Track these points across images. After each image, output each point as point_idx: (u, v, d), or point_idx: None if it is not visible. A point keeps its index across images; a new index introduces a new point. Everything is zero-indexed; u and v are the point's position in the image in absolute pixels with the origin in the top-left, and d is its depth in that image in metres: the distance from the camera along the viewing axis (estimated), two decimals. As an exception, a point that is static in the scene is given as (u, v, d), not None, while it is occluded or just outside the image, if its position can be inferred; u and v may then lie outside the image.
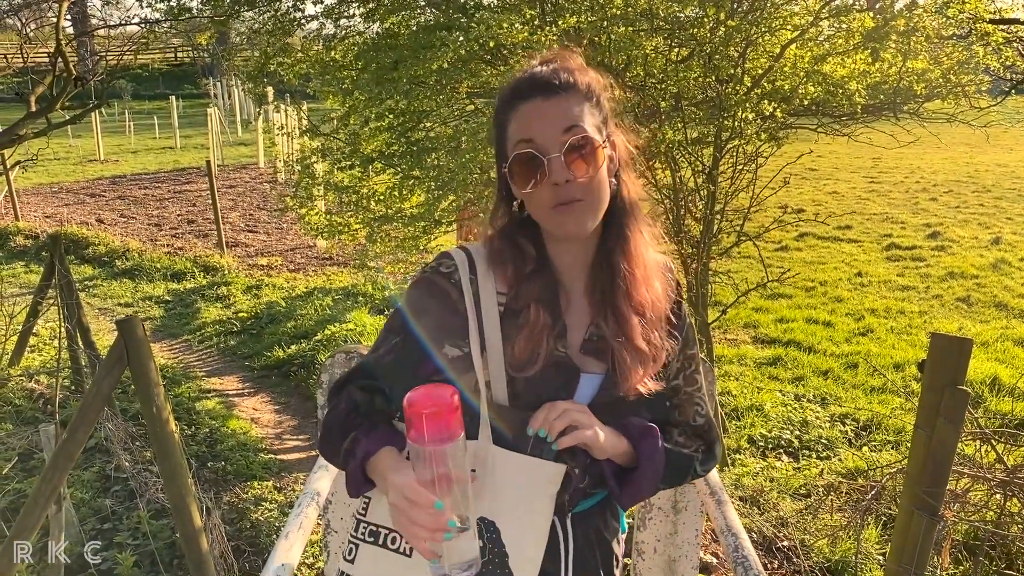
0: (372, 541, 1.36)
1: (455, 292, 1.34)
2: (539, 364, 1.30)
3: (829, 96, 4.41)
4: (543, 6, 4.23)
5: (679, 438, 1.43)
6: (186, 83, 32.73)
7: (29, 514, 2.93)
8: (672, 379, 1.43)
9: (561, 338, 1.34)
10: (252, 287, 8.59)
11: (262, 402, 5.89)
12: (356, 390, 1.35)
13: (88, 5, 20.11)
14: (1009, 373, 5.71)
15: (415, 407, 1.14)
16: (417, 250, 5.31)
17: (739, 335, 6.87)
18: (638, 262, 1.35)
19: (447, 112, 5.18)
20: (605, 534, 1.45)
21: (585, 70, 1.34)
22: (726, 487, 4.14)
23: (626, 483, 1.37)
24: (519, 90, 1.29)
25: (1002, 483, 3.02)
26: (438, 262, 1.38)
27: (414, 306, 1.36)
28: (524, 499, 1.30)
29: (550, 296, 1.34)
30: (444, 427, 1.14)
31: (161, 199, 14.01)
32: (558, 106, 1.26)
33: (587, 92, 1.30)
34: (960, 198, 12.37)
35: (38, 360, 6.44)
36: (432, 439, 1.13)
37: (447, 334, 1.33)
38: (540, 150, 1.25)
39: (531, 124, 1.26)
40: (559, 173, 1.24)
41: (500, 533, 1.30)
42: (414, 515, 1.12)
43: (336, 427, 1.32)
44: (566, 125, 1.25)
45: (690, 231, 4.42)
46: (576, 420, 1.27)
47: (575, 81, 1.29)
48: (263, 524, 4.16)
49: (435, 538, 1.12)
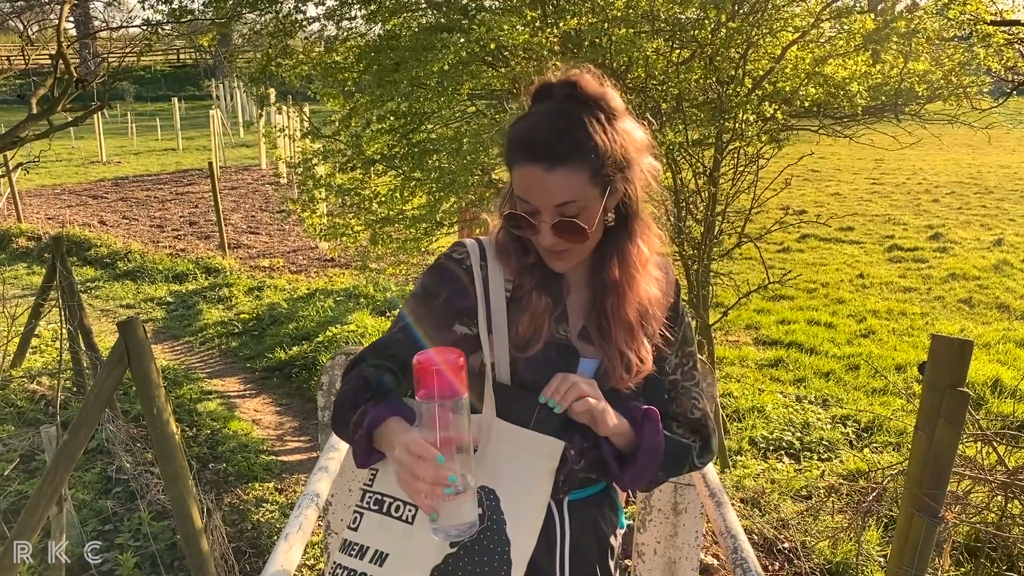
0: (376, 509, 1.40)
1: (466, 277, 1.41)
2: (540, 344, 1.37)
3: (830, 98, 4.42)
4: (544, 8, 4.23)
5: (677, 430, 1.47)
6: (188, 85, 32.80)
7: (30, 515, 2.93)
8: (670, 374, 1.48)
9: (562, 322, 1.41)
10: (254, 289, 8.60)
11: (263, 404, 5.89)
12: (368, 367, 1.39)
13: (90, 7, 20.17)
14: (1010, 375, 5.70)
15: (425, 364, 1.19)
16: (419, 252, 5.31)
17: (740, 337, 6.86)
18: (634, 270, 1.40)
19: (448, 114, 5.19)
20: (603, 526, 1.48)
21: (595, 107, 1.31)
22: (727, 489, 4.14)
23: (627, 465, 1.40)
24: (524, 147, 1.29)
25: (1003, 485, 3.02)
26: (451, 249, 1.46)
27: (426, 288, 1.43)
28: (523, 470, 1.36)
29: (551, 284, 1.41)
30: (451, 384, 1.19)
31: (163, 201, 14.03)
32: (556, 180, 1.27)
33: (590, 150, 1.28)
34: (962, 199, 12.36)
35: (40, 361, 6.44)
36: (442, 394, 1.18)
37: (457, 314, 1.40)
38: (533, 213, 1.31)
39: (528, 189, 1.30)
40: (547, 239, 1.31)
41: (499, 501, 1.35)
42: (417, 468, 1.15)
43: (347, 402, 1.36)
44: (559, 201, 1.29)
45: (691, 233, 4.42)
46: (585, 392, 1.32)
47: (577, 143, 1.27)
48: (264, 525, 4.16)
49: (435, 492, 1.15)
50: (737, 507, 4.03)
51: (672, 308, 1.48)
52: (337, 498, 2.41)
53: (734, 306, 5.34)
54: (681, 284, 1.53)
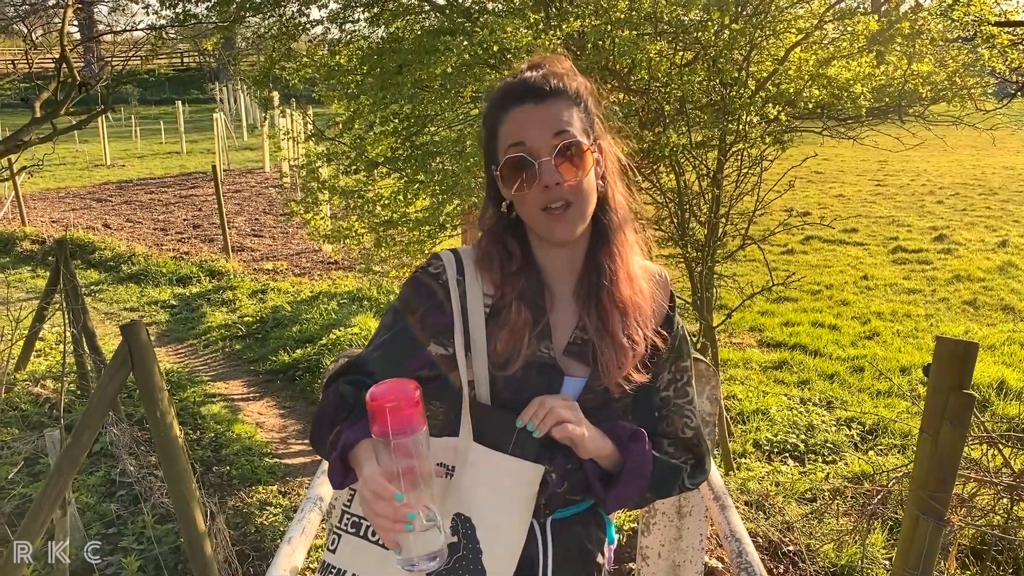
0: (354, 532, 1.39)
1: (442, 292, 1.37)
2: (520, 362, 1.32)
3: (834, 99, 4.41)
4: (547, 10, 4.23)
5: (669, 448, 1.43)
6: (192, 88, 32.85)
7: (34, 518, 2.93)
8: (662, 390, 1.43)
9: (544, 339, 1.36)
10: (257, 291, 8.61)
11: (267, 406, 5.89)
12: (345, 384, 1.38)
13: (94, 11, 20.22)
14: (1016, 376, 5.68)
15: (377, 401, 1.17)
16: (422, 254, 5.31)
17: (745, 339, 6.85)
18: (623, 262, 1.38)
19: (451, 116, 5.19)
20: (588, 544, 1.43)
21: (574, 75, 1.37)
22: (731, 491, 4.13)
23: (611, 487, 1.36)
24: (510, 94, 1.32)
25: (1009, 487, 3.00)
26: (427, 263, 1.42)
27: (403, 304, 1.40)
28: (501, 497, 1.31)
29: (533, 294, 1.36)
30: (406, 420, 1.17)
31: (167, 204, 14.05)
32: (548, 111, 1.30)
33: (576, 97, 1.34)
34: (966, 201, 12.33)
35: (44, 365, 6.45)
36: (395, 432, 1.16)
37: (433, 332, 1.37)
38: (531, 153, 1.29)
39: (522, 128, 1.30)
40: (549, 176, 1.28)
41: (475, 529, 1.30)
42: (376, 507, 1.15)
43: (324, 420, 1.35)
44: (556, 129, 1.29)
45: (695, 235, 4.41)
46: (564, 416, 1.28)
47: (564, 86, 1.33)
48: (267, 529, 4.16)
49: (395, 528, 1.15)
50: (741, 510, 4.01)
51: (666, 319, 1.43)
52: (340, 501, 2.41)
53: (738, 308, 5.34)
54: (682, 293, 1.50)
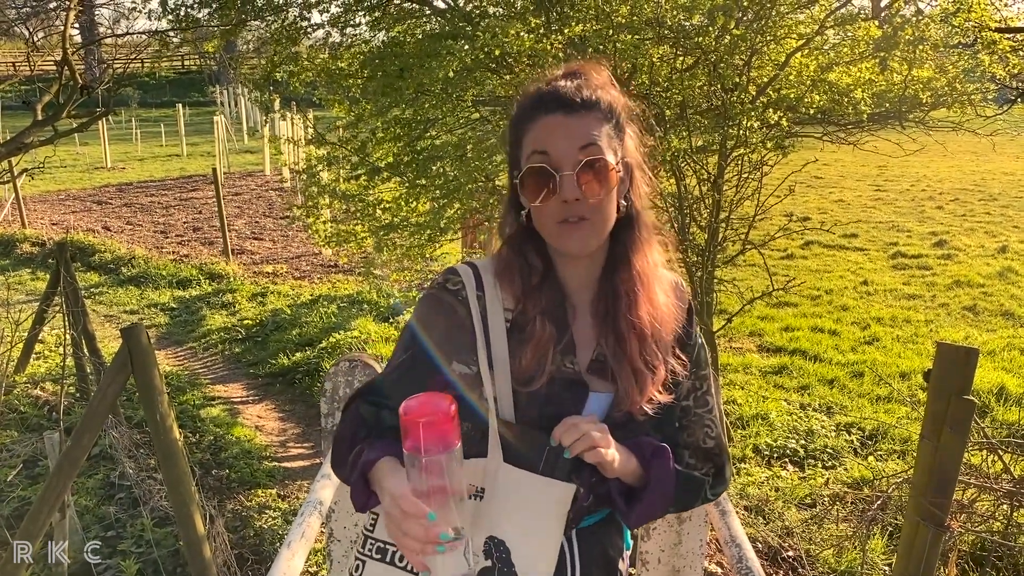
0: (380, 558, 1.34)
1: (462, 308, 1.33)
2: (544, 377, 1.29)
3: (835, 104, 4.41)
4: (548, 14, 4.23)
5: (690, 459, 1.41)
6: (193, 91, 32.90)
7: (33, 520, 2.93)
8: (682, 399, 1.41)
9: (569, 354, 1.33)
10: (257, 294, 8.61)
11: (266, 410, 5.89)
12: (364, 405, 1.34)
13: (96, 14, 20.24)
14: (1016, 382, 5.68)
15: (411, 415, 1.11)
16: (423, 258, 5.32)
17: (744, 344, 6.85)
18: (643, 282, 1.34)
19: (453, 121, 5.19)
20: (610, 552, 1.43)
21: (609, 88, 1.33)
22: (731, 497, 4.13)
23: (634, 503, 1.34)
24: (542, 102, 1.29)
25: (1009, 493, 3.00)
26: (444, 278, 1.37)
27: (422, 322, 1.36)
28: (535, 518, 1.28)
29: (556, 308, 1.33)
30: (441, 437, 1.11)
31: (167, 206, 14.06)
32: (578, 123, 1.26)
33: (608, 112, 1.30)
34: (966, 206, 12.34)
35: (43, 367, 6.45)
36: (429, 449, 1.10)
37: (455, 351, 1.32)
38: (554, 165, 1.25)
39: (549, 137, 1.26)
40: (570, 190, 1.24)
41: (511, 553, 1.27)
42: (406, 526, 1.11)
43: (344, 442, 1.32)
44: (583, 143, 1.25)
45: (695, 239, 4.41)
46: (596, 442, 1.25)
47: (598, 99, 1.29)
48: (267, 532, 4.15)
49: (426, 550, 1.10)
50: (741, 515, 4.01)
51: (685, 331, 1.41)
52: (340, 505, 2.40)
53: (738, 313, 5.33)
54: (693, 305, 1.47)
